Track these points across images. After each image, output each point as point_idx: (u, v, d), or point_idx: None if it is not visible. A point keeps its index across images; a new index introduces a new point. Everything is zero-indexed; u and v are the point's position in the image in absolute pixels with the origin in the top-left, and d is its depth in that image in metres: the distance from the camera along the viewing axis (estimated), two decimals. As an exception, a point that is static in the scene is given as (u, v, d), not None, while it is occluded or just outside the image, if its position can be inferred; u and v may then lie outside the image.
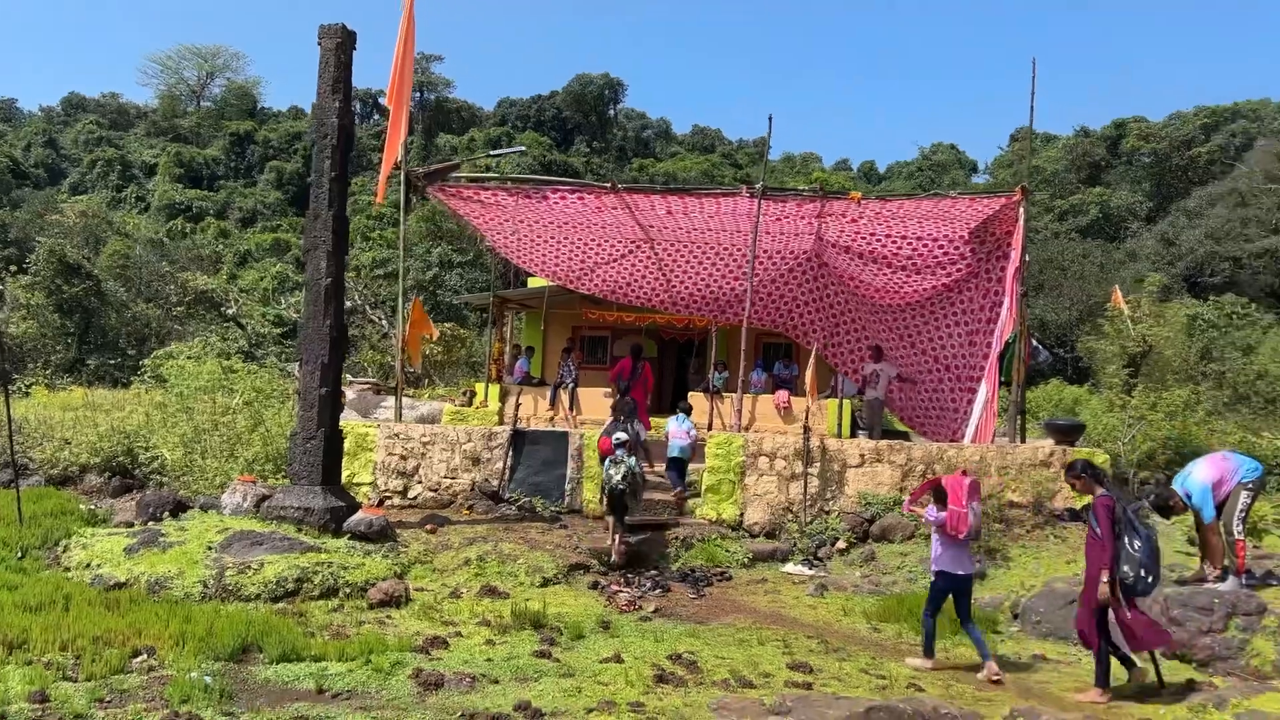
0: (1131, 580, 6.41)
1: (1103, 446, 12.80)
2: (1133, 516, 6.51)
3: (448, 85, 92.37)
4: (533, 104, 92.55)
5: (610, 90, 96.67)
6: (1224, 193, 50.64)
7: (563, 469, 12.40)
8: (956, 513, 7.22)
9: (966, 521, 7.19)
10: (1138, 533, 6.43)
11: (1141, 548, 6.39)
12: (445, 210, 47.57)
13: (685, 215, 15.08)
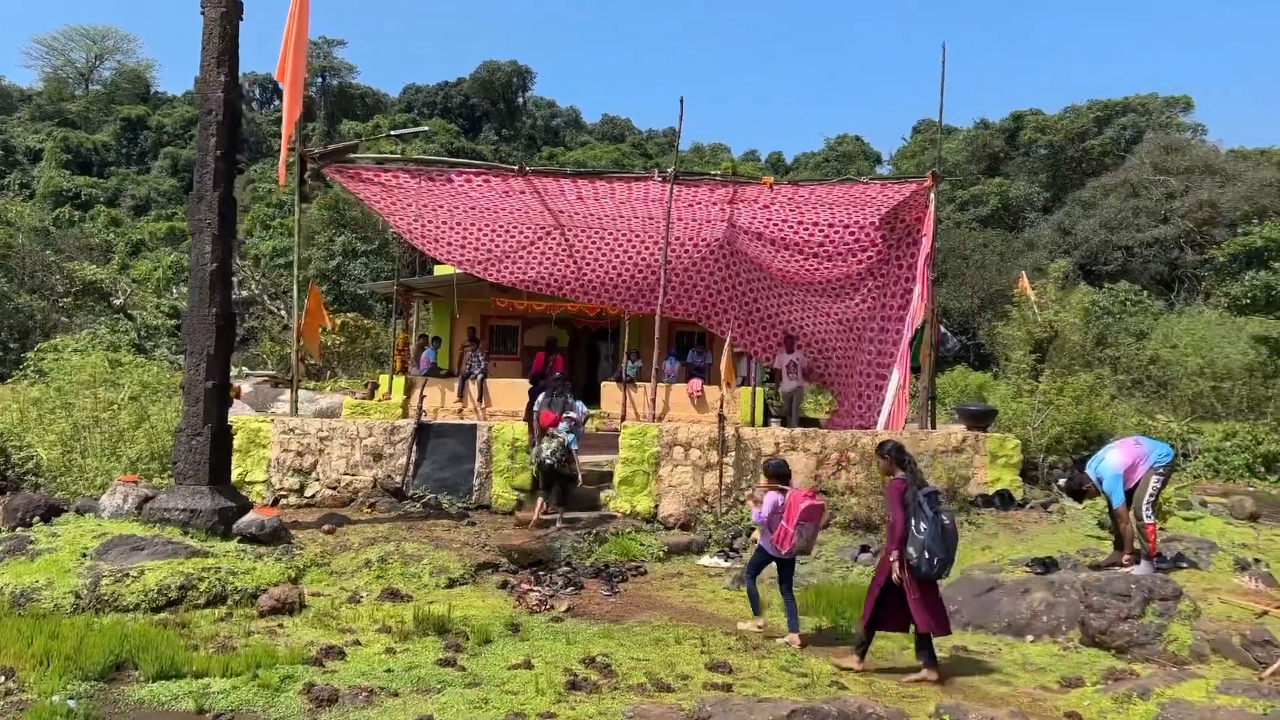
0: (915, 561, 6.50)
1: (1013, 431, 12.86)
2: (922, 500, 6.61)
3: (351, 70, 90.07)
4: (439, 90, 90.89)
5: (519, 78, 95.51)
6: (1116, 184, 52.45)
7: (470, 463, 11.91)
8: (785, 530, 7.52)
9: (790, 542, 7.50)
10: (924, 516, 6.52)
11: (926, 530, 6.47)
12: (348, 197, 46.50)
13: (596, 201, 14.68)
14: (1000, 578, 8.76)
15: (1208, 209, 47.00)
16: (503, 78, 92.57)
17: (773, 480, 7.82)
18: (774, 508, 7.59)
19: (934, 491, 6.79)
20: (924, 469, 11.45)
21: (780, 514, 7.58)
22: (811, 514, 7.58)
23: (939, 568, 6.53)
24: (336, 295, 42.86)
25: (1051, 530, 10.72)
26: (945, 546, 6.51)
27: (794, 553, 7.62)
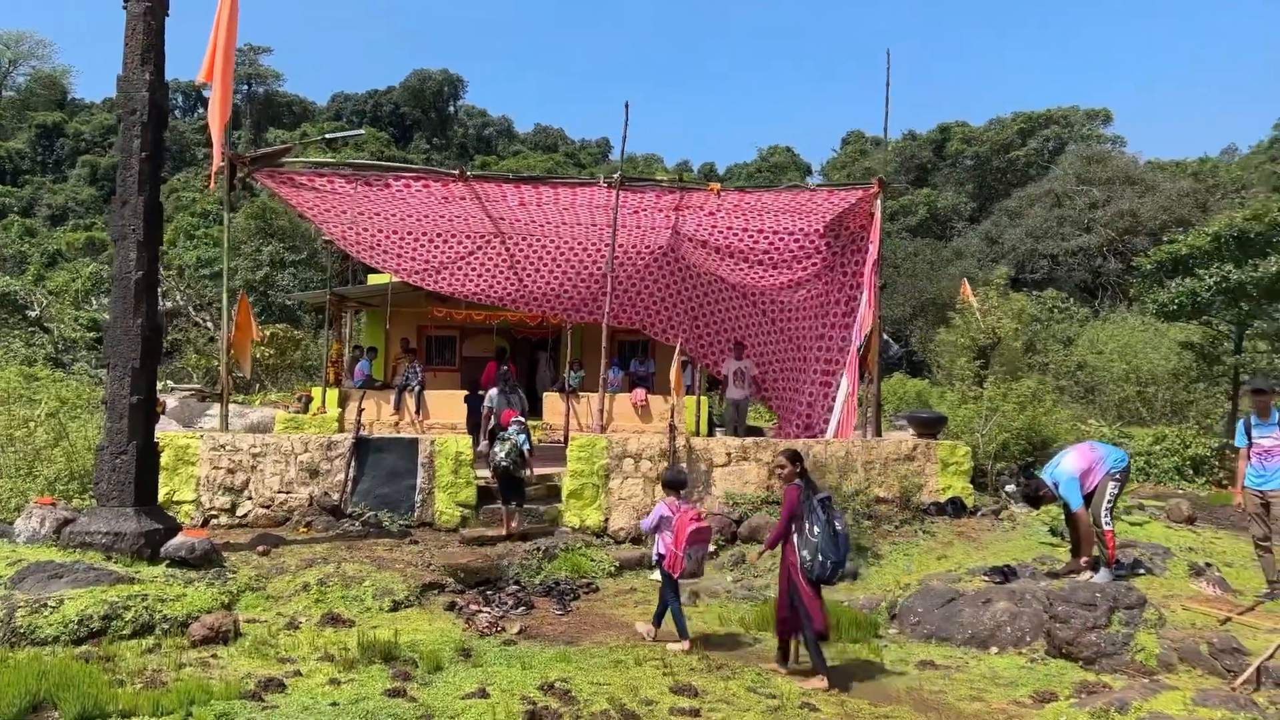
0: (808, 564, 6.71)
1: (961, 439, 12.84)
2: (816, 505, 6.82)
3: (277, 78, 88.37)
4: (369, 99, 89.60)
5: (450, 86, 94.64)
6: (1041, 194, 53.73)
7: (412, 479, 11.46)
8: (674, 554, 7.55)
9: (681, 565, 7.53)
10: (818, 520, 6.73)
11: (820, 533, 6.67)
12: (276, 206, 45.37)
13: (539, 207, 14.35)
14: (960, 587, 8.65)
15: (1129, 218, 48.31)
16: (434, 86, 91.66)
17: (666, 490, 7.93)
18: (659, 518, 7.70)
19: (827, 497, 6.97)
20: (876, 477, 11.38)
21: (669, 524, 7.65)
22: (700, 536, 7.60)
23: (831, 570, 6.70)
24: (264, 306, 41.75)
25: (1005, 538, 10.66)
26: (837, 549, 6.69)
27: (685, 576, 7.66)
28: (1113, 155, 57.17)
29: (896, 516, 11.07)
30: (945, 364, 33.80)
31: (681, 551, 7.47)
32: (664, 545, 7.68)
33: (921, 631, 8.13)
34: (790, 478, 7.10)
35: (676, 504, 7.75)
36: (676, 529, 7.55)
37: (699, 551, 7.61)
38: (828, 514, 6.80)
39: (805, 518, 6.79)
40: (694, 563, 7.59)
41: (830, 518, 6.78)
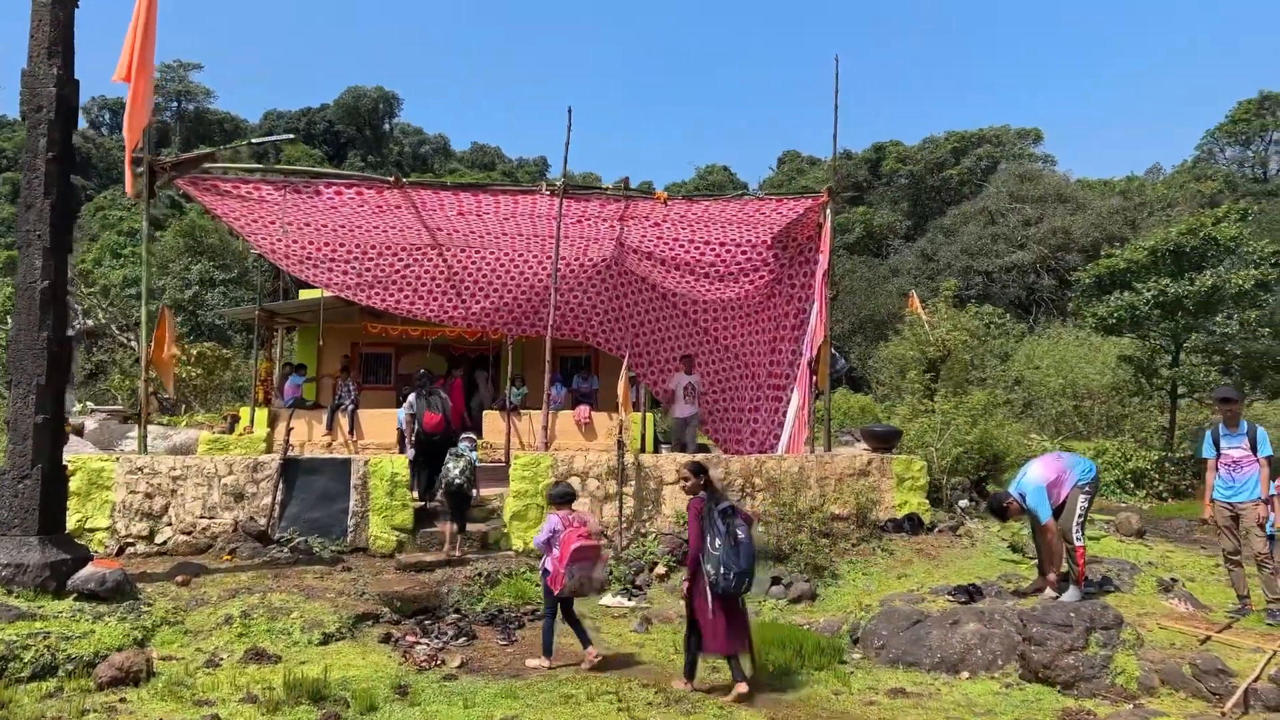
0: (713, 578, 6.54)
1: (916, 453, 12.56)
2: (717, 516, 6.67)
3: (208, 95, 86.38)
4: (302, 116, 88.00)
5: (385, 104, 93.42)
6: (976, 211, 54.50)
7: (344, 502, 10.80)
8: (556, 572, 7.35)
9: (561, 582, 7.31)
10: (718, 532, 6.60)
11: (721, 546, 6.53)
12: (208, 223, 44.01)
13: (479, 217, 13.81)
14: (925, 608, 8.28)
15: (1061, 235, 49.18)
16: (368, 103, 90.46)
17: (553, 504, 7.73)
18: (551, 532, 7.48)
19: (729, 508, 6.79)
20: (831, 494, 11.01)
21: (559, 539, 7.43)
22: (583, 555, 7.33)
23: (736, 582, 6.54)
24: (193, 326, 40.35)
25: (965, 555, 10.36)
26: (740, 560, 6.56)
27: (566, 594, 7.39)
28: (1044, 173, 58.30)
29: (854, 534, 10.71)
30: (885, 379, 33.92)
31: (563, 567, 7.23)
32: (550, 561, 7.45)
33: (887, 656, 7.73)
34: (694, 490, 6.96)
35: (568, 518, 7.52)
36: (562, 544, 7.32)
37: (582, 569, 7.32)
38: (728, 524, 6.65)
39: (706, 531, 6.66)
40: (574, 581, 7.30)
41: (732, 528, 6.65)
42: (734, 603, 6.72)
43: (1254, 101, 63.01)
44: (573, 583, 7.32)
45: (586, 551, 7.36)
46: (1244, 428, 8.09)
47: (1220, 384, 23.64)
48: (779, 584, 9.71)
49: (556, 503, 7.76)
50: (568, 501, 7.77)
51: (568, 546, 7.29)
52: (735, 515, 6.77)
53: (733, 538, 6.60)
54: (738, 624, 6.76)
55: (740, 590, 6.65)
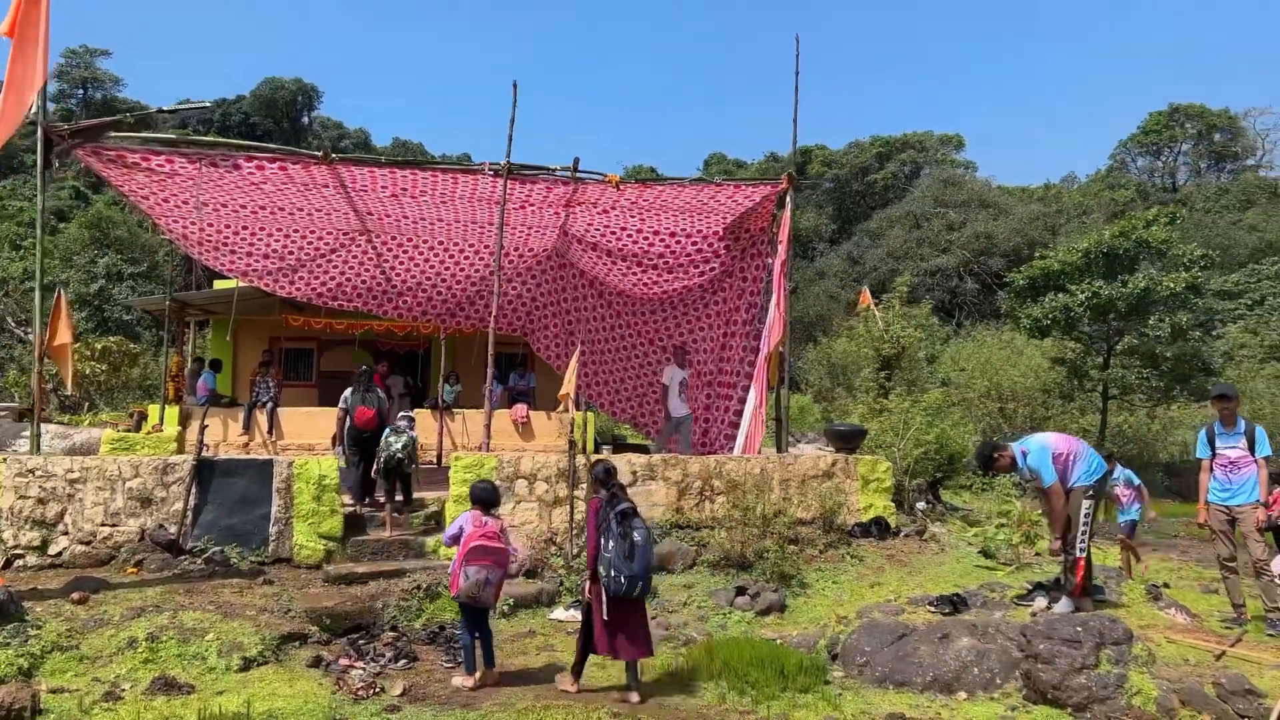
0: (604, 580, 6.45)
1: (876, 453, 12.02)
2: (613, 519, 6.53)
3: (116, 83, 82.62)
4: (218, 107, 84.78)
5: (304, 96, 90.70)
6: (901, 215, 55.02)
7: (266, 507, 9.77)
8: (454, 572, 6.75)
9: (457, 585, 6.70)
10: (612, 534, 6.47)
11: (614, 548, 6.41)
12: (116, 215, 41.77)
13: (414, 200, 12.86)
14: (907, 620, 7.69)
15: (984, 240, 49.82)
16: (286, 95, 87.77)
17: (474, 504, 7.02)
18: (458, 529, 6.92)
19: (626, 510, 6.62)
20: (795, 496, 10.38)
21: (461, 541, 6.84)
22: (480, 556, 6.64)
23: (628, 586, 6.40)
24: (100, 322, 38.16)
25: (937, 561, 9.83)
26: (634, 564, 6.41)
27: (463, 598, 6.70)
28: (967, 179, 59.16)
29: (820, 540, 10.09)
30: (815, 380, 33.69)
31: (459, 567, 6.62)
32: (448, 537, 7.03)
33: (873, 674, 7.10)
34: (596, 490, 6.93)
35: (481, 519, 6.87)
36: (463, 543, 6.71)
37: (482, 573, 6.62)
38: (623, 527, 6.50)
39: (601, 533, 6.54)
40: (472, 584, 6.60)
41: (628, 530, 6.50)
42: (631, 607, 6.56)
43: (1164, 113, 64.91)
44: (468, 585, 6.59)
45: (487, 553, 6.65)
46: (1241, 426, 7.67)
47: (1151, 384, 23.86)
48: (745, 594, 9.02)
49: (477, 503, 7.01)
50: (489, 503, 7.02)
51: (466, 546, 6.64)
52: (633, 518, 6.60)
53: (628, 540, 6.45)
54: (634, 629, 6.59)
55: (633, 594, 6.46)
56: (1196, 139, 64.93)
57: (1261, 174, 61.99)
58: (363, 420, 11.19)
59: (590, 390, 15.77)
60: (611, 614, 6.46)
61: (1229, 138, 64.15)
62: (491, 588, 6.76)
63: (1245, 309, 38.98)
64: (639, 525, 6.62)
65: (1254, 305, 39.49)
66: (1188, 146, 65.79)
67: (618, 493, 6.82)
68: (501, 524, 7.05)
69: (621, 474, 10.33)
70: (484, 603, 6.85)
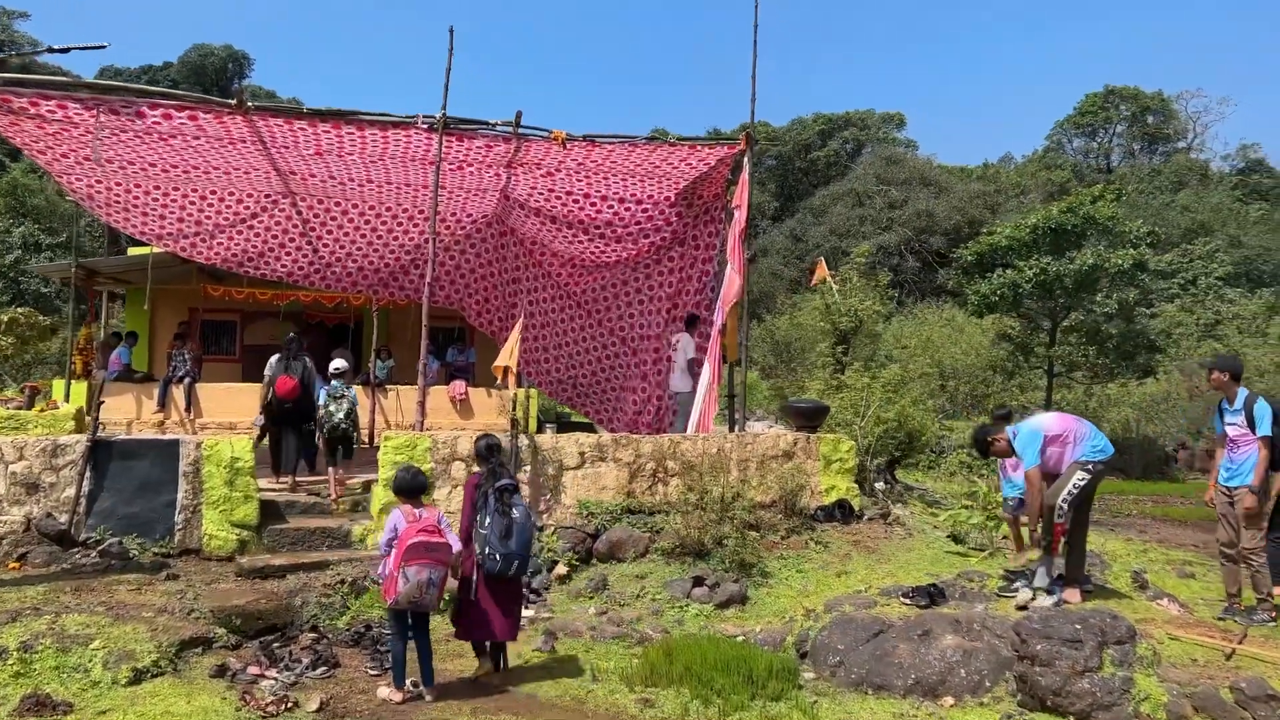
0: (481, 559, 6.23)
1: (836, 432, 11.39)
2: (492, 495, 6.29)
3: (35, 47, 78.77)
4: (143, 74, 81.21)
5: (235, 64, 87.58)
6: (843, 193, 54.81)
7: (171, 493, 8.77)
8: (390, 577, 5.91)
9: (395, 589, 5.84)
10: (489, 510, 6.23)
11: (490, 525, 6.19)
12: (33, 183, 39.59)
13: (341, 158, 11.85)
14: (881, 614, 7.05)
15: (925, 218, 49.84)
16: (216, 63, 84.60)
17: (399, 497, 6.26)
18: (393, 531, 6.03)
19: (506, 486, 6.37)
20: (753, 478, 9.71)
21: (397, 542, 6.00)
22: (421, 554, 5.84)
23: (503, 564, 6.16)
24: (16, 294, 36.15)
25: (906, 547, 9.22)
26: (510, 542, 6.18)
27: (402, 604, 5.90)
28: (908, 157, 59.16)
29: (782, 524, 9.42)
30: (759, 358, 33.22)
31: (398, 570, 5.81)
32: (387, 564, 6.03)
33: (848, 676, 6.43)
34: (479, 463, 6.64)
35: (415, 514, 6.08)
36: (400, 540, 5.91)
37: (424, 573, 5.84)
38: (502, 503, 6.25)
39: (479, 509, 6.29)
40: (415, 587, 5.82)
41: (507, 507, 6.26)
42: (505, 586, 6.32)
43: (1099, 95, 65.54)
44: (409, 589, 5.79)
45: (426, 551, 5.85)
46: (1241, 401, 7.07)
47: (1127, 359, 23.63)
48: (703, 585, 8.31)
49: (403, 495, 6.21)
50: (416, 493, 6.23)
51: (404, 544, 5.83)
52: (513, 494, 6.38)
53: (506, 518, 6.22)
54: (504, 609, 6.33)
55: (508, 573, 6.23)
56: (1130, 121, 65.73)
57: (1192, 156, 63.06)
58: (284, 390, 10.43)
59: (528, 368, 14.84)
60: (483, 593, 6.22)
61: (1162, 120, 65.04)
62: (435, 589, 5.94)
63: (1179, 288, 39.44)
64: (519, 503, 6.37)
65: (1186, 285, 39.99)
66: (1122, 128, 66.59)
67: (499, 468, 6.49)
68: (439, 514, 6.23)
69: (568, 455, 9.58)
70: (426, 606, 6.03)
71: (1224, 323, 32.59)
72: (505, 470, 6.59)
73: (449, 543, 6.04)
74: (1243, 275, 41.27)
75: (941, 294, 44.72)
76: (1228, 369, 7.27)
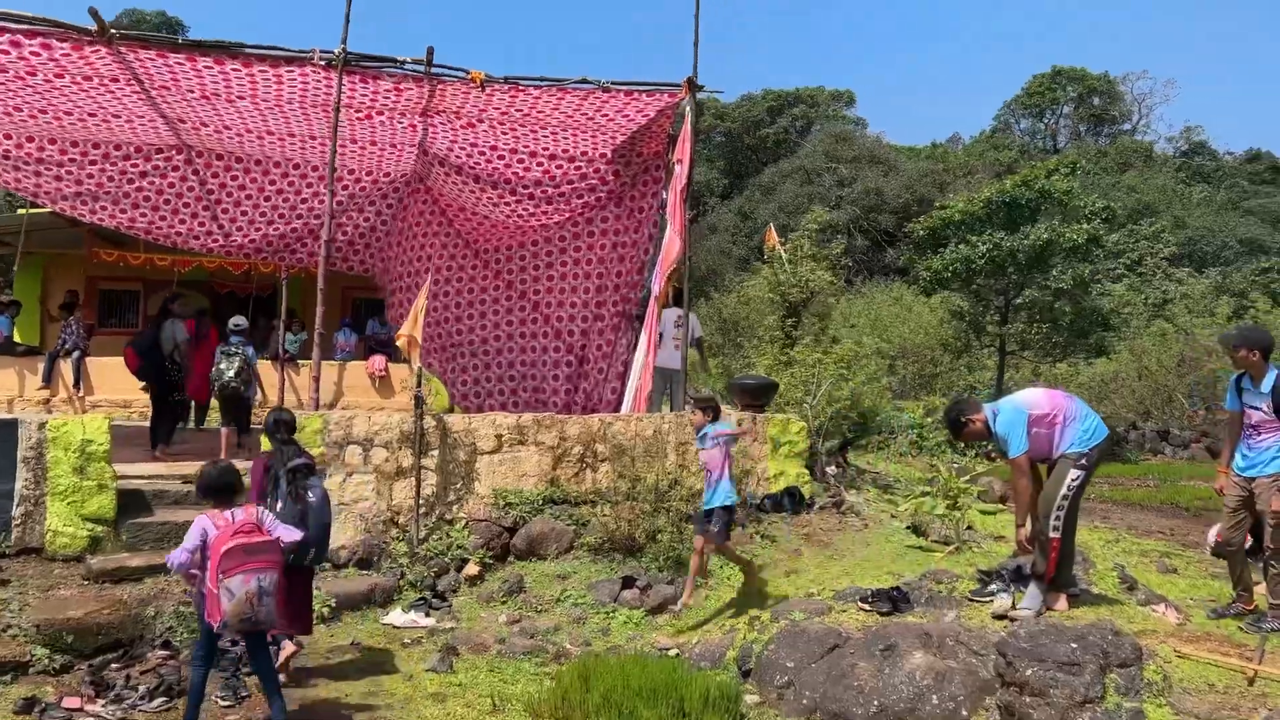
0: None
1: (784, 412, 10.37)
2: (282, 477, 5.70)
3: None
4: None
5: (168, 30, 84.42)
6: (793, 170, 54.13)
7: (8, 482, 7.41)
8: (211, 595, 4.79)
9: (220, 608, 4.73)
10: (280, 494, 5.66)
11: (283, 510, 5.57)
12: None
13: (232, 105, 10.51)
14: (836, 623, 6.04)
15: (874, 196, 49.35)
16: (148, 30, 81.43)
17: (205, 498, 5.20)
18: (200, 539, 4.87)
19: (300, 466, 5.77)
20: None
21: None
22: (242, 559, 4.76)
23: (298, 553, 5.46)
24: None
25: (862, 541, 8.23)
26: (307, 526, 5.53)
27: (234, 625, 4.79)
28: (858, 135, 58.63)
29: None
30: (705, 336, 32.32)
31: (217, 585, 4.72)
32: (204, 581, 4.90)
33: (799, 702, 5.41)
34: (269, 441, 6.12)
35: (226, 516, 4.96)
36: (211, 553, 4.79)
37: (252, 581, 4.75)
38: (295, 485, 5.68)
39: (270, 494, 5.69)
40: (243, 602, 4.73)
41: (301, 490, 5.68)
42: (296, 577, 5.65)
43: (1047, 75, 65.51)
44: (236, 606, 4.69)
45: (248, 554, 4.76)
46: (1271, 383, 6.01)
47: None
48: (633, 587, 7.25)
49: (210, 496, 5.13)
50: (227, 494, 5.13)
51: (217, 553, 4.74)
52: (308, 475, 5.81)
53: (299, 501, 5.66)
54: (297, 603, 5.75)
55: (303, 562, 5.62)
56: (1077, 102, 65.84)
57: (1138, 137, 63.36)
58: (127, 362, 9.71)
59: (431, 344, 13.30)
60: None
61: (1107, 101, 65.24)
62: (269, 598, 4.80)
63: (1125, 268, 39.33)
64: (315, 484, 5.82)
65: (1133, 265, 39.92)
66: (1069, 109, 66.69)
67: (289, 447, 5.90)
68: (258, 511, 5.08)
69: (483, 438, 8.44)
70: (266, 623, 4.88)
71: (1172, 302, 32.37)
72: (298, 449, 5.95)
73: (274, 538, 4.93)
74: (1186, 256, 41.36)
75: (890, 273, 44.20)
76: (1258, 345, 6.17)
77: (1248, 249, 42.07)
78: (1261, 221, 45.96)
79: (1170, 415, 22.95)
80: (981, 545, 7.94)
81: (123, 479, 8.05)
